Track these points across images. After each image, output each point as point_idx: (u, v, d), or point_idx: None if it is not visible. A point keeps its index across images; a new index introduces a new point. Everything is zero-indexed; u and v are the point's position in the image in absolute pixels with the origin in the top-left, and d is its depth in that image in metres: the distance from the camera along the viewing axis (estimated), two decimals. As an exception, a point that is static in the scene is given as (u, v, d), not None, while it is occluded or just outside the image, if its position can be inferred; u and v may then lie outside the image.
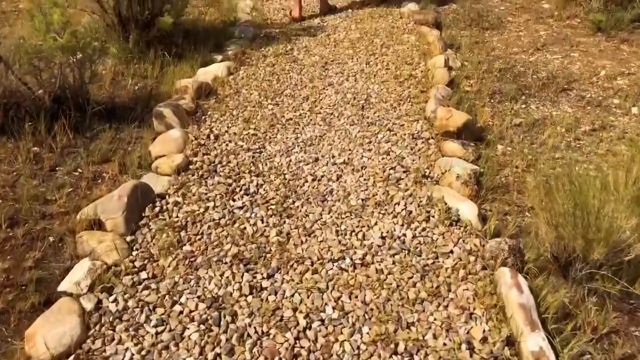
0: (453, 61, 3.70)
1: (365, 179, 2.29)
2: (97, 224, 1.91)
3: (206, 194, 2.13)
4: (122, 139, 2.58)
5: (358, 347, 1.52)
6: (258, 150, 2.50)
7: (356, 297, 1.68)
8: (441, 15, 4.61)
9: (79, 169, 2.31)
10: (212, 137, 2.57)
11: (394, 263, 1.82)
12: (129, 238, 1.88)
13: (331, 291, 1.69)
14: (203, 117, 2.77)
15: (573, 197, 1.81)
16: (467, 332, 1.57)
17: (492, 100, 3.29)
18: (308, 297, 1.67)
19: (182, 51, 3.58)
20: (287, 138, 2.63)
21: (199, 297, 1.66)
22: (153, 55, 3.33)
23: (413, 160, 2.45)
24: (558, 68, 3.68)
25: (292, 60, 3.61)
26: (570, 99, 3.33)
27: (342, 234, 1.95)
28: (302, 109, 2.95)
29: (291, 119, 2.83)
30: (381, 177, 2.29)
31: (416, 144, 2.59)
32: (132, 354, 1.48)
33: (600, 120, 3.06)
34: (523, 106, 3.26)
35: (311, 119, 2.85)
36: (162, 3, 3.46)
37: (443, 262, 1.84)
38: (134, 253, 1.82)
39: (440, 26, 4.35)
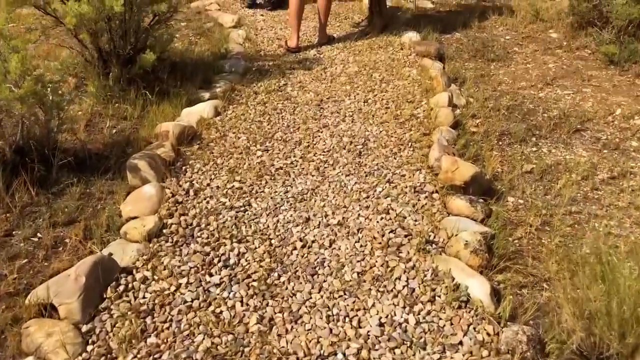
0: (457, 98, 3.46)
1: (361, 246, 2.03)
2: (49, 310, 1.64)
3: (179, 266, 1.87)
4: (92, 194, 2.33)
5: None
6: (242, 209, 2.23)
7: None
8: (444, 45, 4.38)
9: (38, 234, 2.05)
10: (191, 192, 2.31)
11: None
12: (85, 327, 1.60)
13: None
14: (184, 167, 2.52)
15: (604, 283, 1.54)
16: None
17: (500, 143, 3.04)
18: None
19: (167, 87, 3.34)
20: (275, 192, 2.38)
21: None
22: (134, 93, 3.09)
23: (415, 221, 2.18)
24: (570, 105, 3.43)
25: (285, 97, 3.37)
26: (585, 140, 3.08)
27: (334, 320, 1.68)
28: (294, 156, 2.69)
29: (281, 169, 2.57)
30: (380, 243, 2.02)
31: (419, 200, 2.33)
32: None
33: (619, 166, 2.81)
34: (534, 149, 3.00)
35: (303, 168, 2.59)
36: (146, 38, 3.24)
37: (451, 357, 1.57)
38: (89, 348, 1.55)
39: (443, 58, 4.12)
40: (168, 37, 3.28)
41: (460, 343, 1.62)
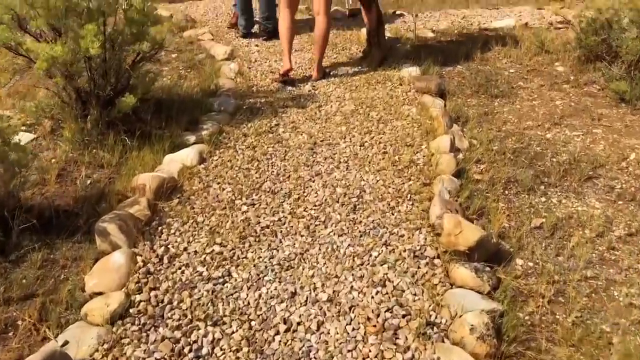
0: (460, 140, 3.24)
1: (354, 329, 1.79)
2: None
3: (144, 359, 1.63)
4: (56, 260, 2.10)
5: None
6: (221, 280, 2.00)
7: None
8: (445, 79, 4.18)
9: (-12, 314, 1.82)
10: (165, 259, 2.08)
11: None
12: None
13: None
14: (160, 227, 2.29)
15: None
16: None
17: (507, 192, 2.81)
18: None
19: (150, 129, 3.14)
20: (259, 258, 2.14)
21: None
22: (114, 138, 2.88)
23: (415, 295, 1.95)
24: (580, 149, 3.21)
25: (276, 140, 3.16)
26: (598, 189, 2.85)
27: None
28: (282, 211, 2.47)
29: (267, 227, 2.35)
30: (374, 326, 1.79)
31: (419, 267, 2.10)
32: None
33: (636, 221, 2.58)
34: (543, 199, 2.78)
35: (292, 227, 2.36)
36: (129, 77, 3.04)
37: None
38: None
39: (444, 94, 3.92)
40: (152, 76, 3.07)
41: None
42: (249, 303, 1.89)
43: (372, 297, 1.93)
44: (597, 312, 2.06)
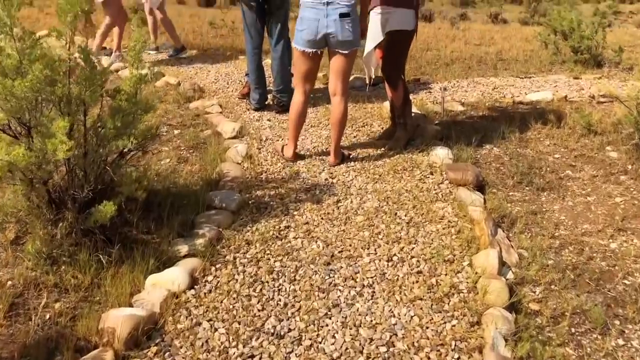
0: (507, 252, 2.68)
1: None
2: None
3: None
4: None
5: None
6: None
7: None
8: (481, 165, 3.66)
9: None
10: None
11: None
12: None
13: None
14: (126, 399, 1.74)
15: None
16: None
17: (574, 332, 2.22)
18: None
19: (137, 234, 2.64)
20: None
21: None
22: (88, 252, 2.37)
23: None
24: (657, 267, 2.63)
25: (285, 251, 2.62)
26: (690, 328, 2.25)
27: None
28: (289, 368, 1.90)
29: (269, 397, 1.77)
30: None
31: None
32: None
33: None
34: (620, 342, 2.19)
35: (302, 395, 1.79)
36: (114, 174, 2.55)
37: None
38: None
39: (482, 186, 3.38)
40: (140, 174, 2.59)
41: None
42: None
43: None
44: None
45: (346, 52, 3.33)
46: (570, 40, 6.25)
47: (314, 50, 3.34)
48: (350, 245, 2.69)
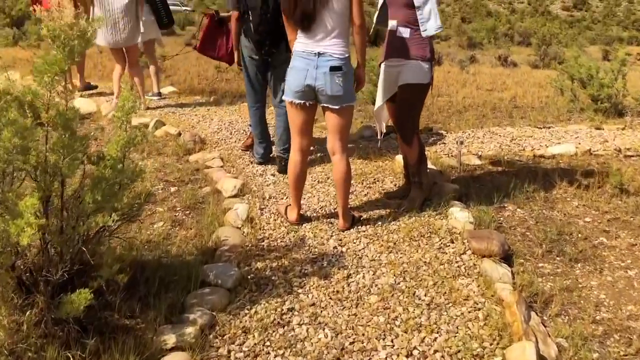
0: (544, 343, 2.31)
1: None
2: None
3: None
4: None
5: None
6: None
7: None
8: (504, 228, 3.32)
9: None
10: None
11: None
12: None
13: None
14: None
15: None
16: None
17: None
18: None
19: (119, 319, 2.30)
20: None
21: None
22: (57, 349, 2.03)
23: None
24: None
25: (287, 342, 2.26)
26: None
27: None
28: None
29: None
30: None
31: None
32: None
33: None
34: None
35: None
36: (93, 252, 2.23)
37: None
38: None
39: (509, 256, 3.03)
40: (125, 251, 2.27)
41: None
42: None
43: None
44: None
45: (337, 107, 3.04)
46: (589, 88, 5.99)
47: (302, 102, 3.06)
48: (363, 335, 2.33)
